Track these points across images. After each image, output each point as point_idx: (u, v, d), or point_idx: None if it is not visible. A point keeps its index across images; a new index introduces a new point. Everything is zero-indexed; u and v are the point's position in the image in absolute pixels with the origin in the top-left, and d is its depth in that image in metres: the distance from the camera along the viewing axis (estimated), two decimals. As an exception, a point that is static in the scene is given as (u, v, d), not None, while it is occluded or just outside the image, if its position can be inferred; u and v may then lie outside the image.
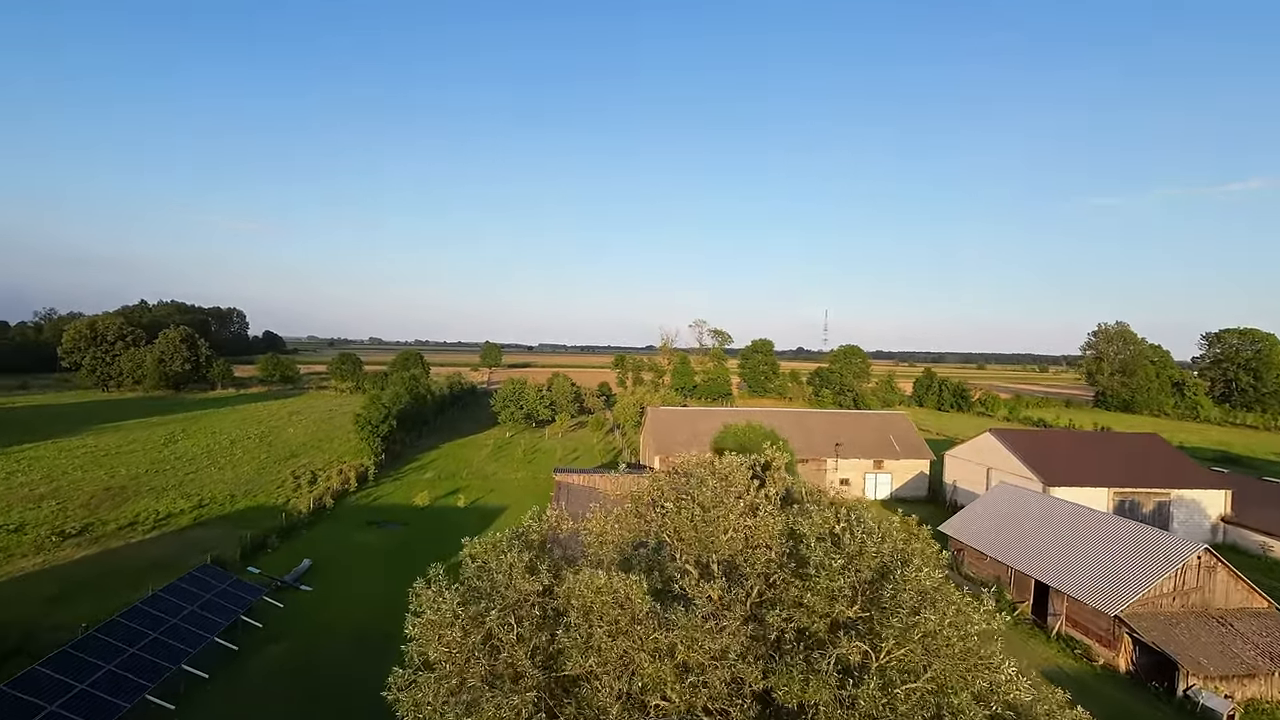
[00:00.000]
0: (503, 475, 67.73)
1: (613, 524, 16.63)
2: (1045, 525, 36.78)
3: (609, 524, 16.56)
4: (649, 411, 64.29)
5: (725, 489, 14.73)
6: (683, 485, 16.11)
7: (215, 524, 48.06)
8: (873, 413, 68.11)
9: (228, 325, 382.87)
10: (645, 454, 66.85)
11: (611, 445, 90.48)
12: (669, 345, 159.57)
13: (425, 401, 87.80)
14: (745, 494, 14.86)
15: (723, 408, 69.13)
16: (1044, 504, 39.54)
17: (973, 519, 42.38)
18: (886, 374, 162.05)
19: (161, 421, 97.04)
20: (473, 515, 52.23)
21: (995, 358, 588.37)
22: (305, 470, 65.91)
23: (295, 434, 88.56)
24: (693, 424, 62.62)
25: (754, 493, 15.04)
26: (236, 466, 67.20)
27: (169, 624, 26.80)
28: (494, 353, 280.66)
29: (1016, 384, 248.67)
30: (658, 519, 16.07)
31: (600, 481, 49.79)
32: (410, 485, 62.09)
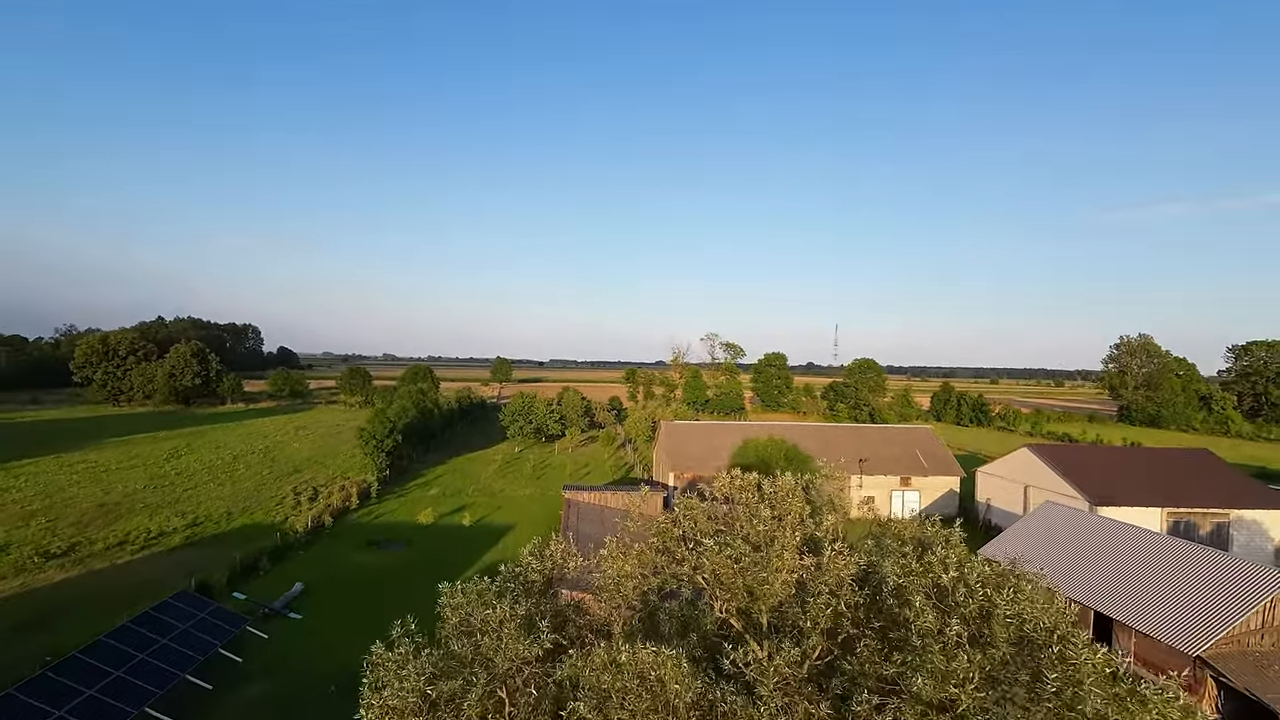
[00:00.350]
0: (510, 492, 64.77)
1: (633, 563, 13.53)
2: (1103, 550, 33.21)
3: (628, 562, 13.46)
4: (662, 426, 61.26)
5: (778, 521, 11.73)
6: (722, 514, 13.11)
7: (207, 544, 45.43)
8: (898, 427, 64.63)
9: (243, 341, 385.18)
10: (658, 469, 63.68)
11: (622, 460, 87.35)
12: (680, 359, 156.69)
13: (432, 416, 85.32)
14: (801, 524, 11.85)
15: (739, 422, 66.01)
16: (1099, 526, 35.95)
17: (1016, 542, 38.67)
18: (902, 388, 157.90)
19: (167, 436, 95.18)
20: (477, 535, 49.25)
21: (1006, 372, 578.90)
22: (307, 486, 63.35)
23: (300, 449, 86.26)
24: (708, 438, 59.46)
25: (809, 522, 12.03)
26: (237, 483, 64.77)
27: (135, 660, 23.97)
28: (504, 368, 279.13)
29: (1033, 398, 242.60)
30: (692, 558, 13.02)
31: (612, 499, 46.72)
32: (414, 502, 59.27)
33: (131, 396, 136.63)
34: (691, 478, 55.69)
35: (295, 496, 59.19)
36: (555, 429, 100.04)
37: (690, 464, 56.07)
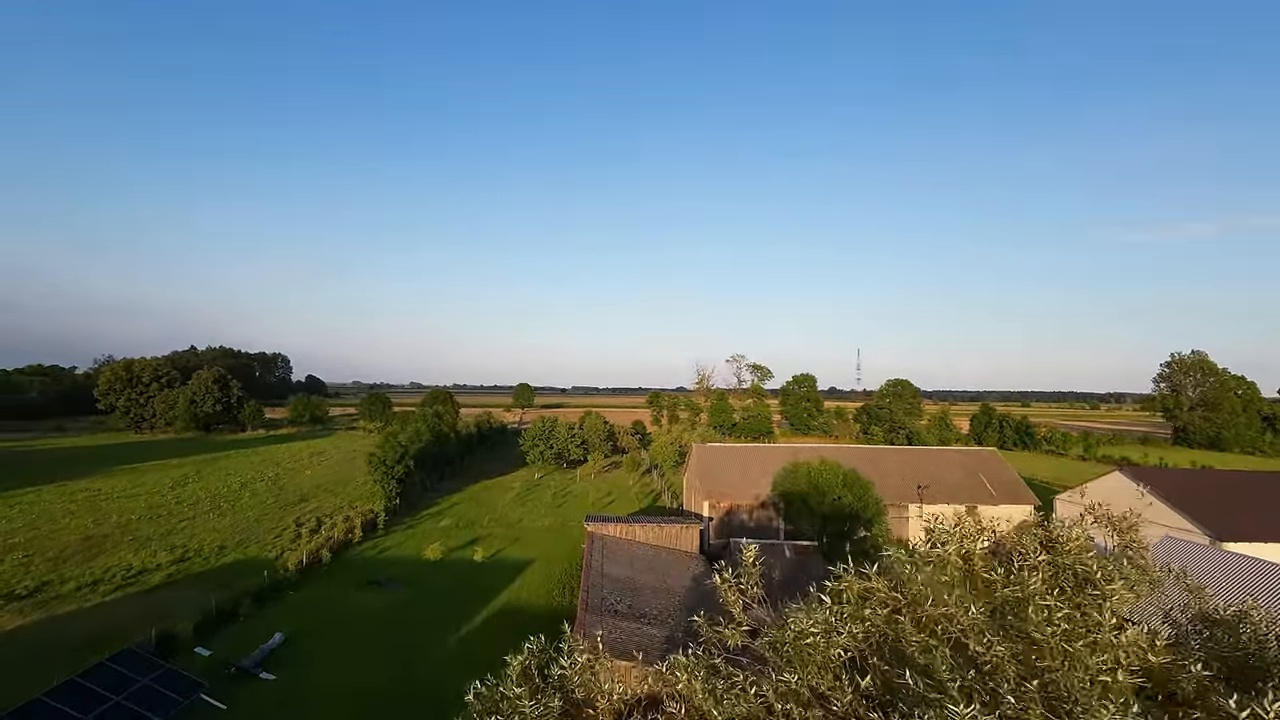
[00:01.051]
0: (528, 522, 58.85)
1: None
2: (1261, 599, 26.03)
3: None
4: (694, 449, 55.13)
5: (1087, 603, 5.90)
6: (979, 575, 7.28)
7: (190, 583, 40.26)
8: (957, 449, 57.56)
9: (272, 370, 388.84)
10: (690, 498, 57.32)
11: (649, 487, 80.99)
12: (706, 382, 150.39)
13: (448, 441, 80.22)
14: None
15: (777, 444, 59.63)
16: (1242, 567, 28.78)
17: (1132, 586, 31.61)
18: (939, 410, 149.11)
19: (179, 463, 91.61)
20: (489, 572, 43.32)
21: (1035, 395, 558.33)
22: (311, 517, 58.28)
23: (312, 476, 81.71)
24: (744, 463, 53.13)
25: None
26: (239, 512, 60.01)
27: (38, 749, 18.52)
28: (526, 393, 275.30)
29: (1072, 421, 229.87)
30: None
31: (641, 532, 40.55)
32: (423, 534, 53.70)
33: (154, 424, 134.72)
34: (728, 507, 49.31)
35: (297, 528, 54.10)
36: (577, 454, 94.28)
37: (726, 492, 49.75)
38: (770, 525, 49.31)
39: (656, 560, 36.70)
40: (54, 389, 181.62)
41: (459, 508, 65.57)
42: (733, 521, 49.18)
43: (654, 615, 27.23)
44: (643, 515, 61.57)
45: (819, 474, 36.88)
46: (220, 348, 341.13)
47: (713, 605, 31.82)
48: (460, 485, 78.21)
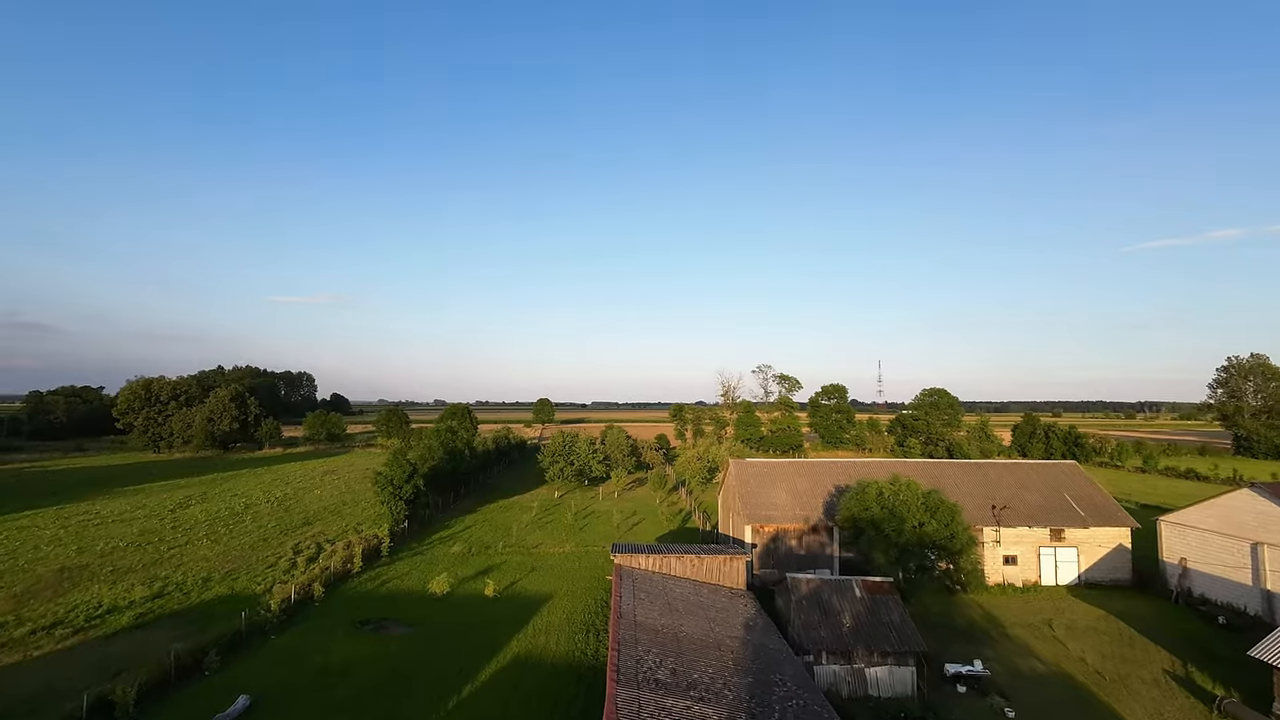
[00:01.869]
0: (547, 548, 52.67)
1: None
2: None
3: None
4: (731, 466, 48.56)
5: None
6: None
7: (161, 624, 34.78)
8: (1033, 463, 50.04)
9: (297, 389, 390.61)
10: (727, 519, 50.69)
11: (677, 506, 74.36)
12: (731, 394, 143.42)
13: (463, 459, 74.61)
14: None
15: (827, 458, 52.84)
16: None
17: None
18: (978, 421, 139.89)
19: (188, 483, 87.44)
20: (501, 611, 37.14)
21: (1060, 405, 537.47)
22: (311, 543, 52.88)
23: (321, 496, 76.67)
24: (789, 481, 46.42)
25: None
26: (236, 538, 54.82)
27: None
28: (547, 409, 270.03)
29: (1115, 431, 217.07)
30: None
31: (677, 565, 34.17)
32: (431, 563, 47.84)
33: (172, 442, 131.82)
34: (774, 532, 42.61)
35: (294, 556, 48.65)
36: (599, 471, 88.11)
37: (772, 514, 43.06)
38: (823, 553, 42.47)
39: (698, 600, 30.26)
40: (80, 410, 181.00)
41: (472, 531, 59.68)
42: (779, 549, 42.44)
43: (706, 685, 20.82)
44: (675, 542, 54.97)
45: (895, 496, 30.18)
46: (246, 367, 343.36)
47: (775, 664, 24.69)
48: (475, 505, 72.43)
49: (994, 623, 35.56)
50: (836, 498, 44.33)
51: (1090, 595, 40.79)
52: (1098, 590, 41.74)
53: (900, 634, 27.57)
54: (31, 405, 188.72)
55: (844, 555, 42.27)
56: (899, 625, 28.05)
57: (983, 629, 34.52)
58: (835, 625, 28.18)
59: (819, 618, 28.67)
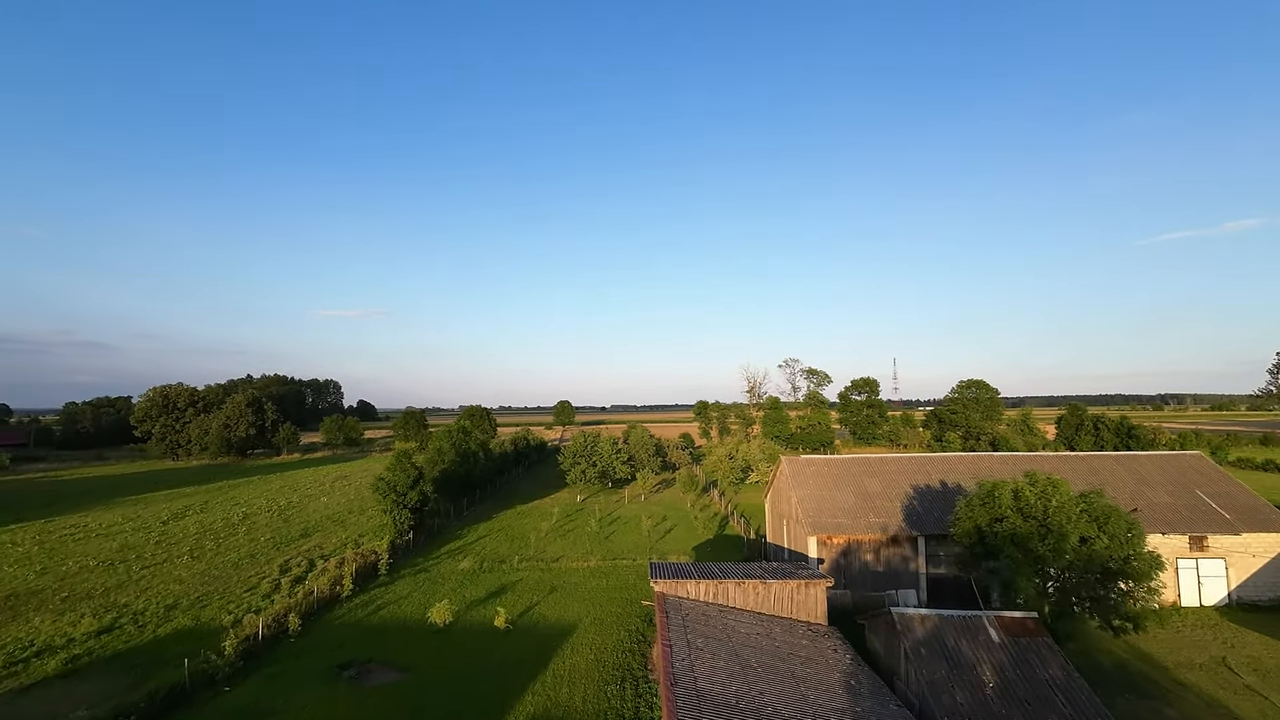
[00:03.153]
0: (569, 562, 44.57)
1: None
2: None
3: None
4: (785, 465, 39.98)
5: None
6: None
7: (94, 671, 27.33)
8: (1152, 454, 40.75)
9: (324, 396, 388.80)
10: (779, 528, 42.17)
11: (710, 509, 65.83)
12: (756, 390, 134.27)
13: (476, 462, 66.93)
14: None
15: (896, 454, 44.01)
16: None
17: None
18: (1020, 413, 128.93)
19: (194, 491, 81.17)
20: (514, 650, 29.10)
21: (1077, 399, 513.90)
22: (304, 560, 45.50)
23: (327, 504, 69.60)
24: (858, 481, 37.75)
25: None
26: (222, 554, 47.67)
27: None
28: (567, 411, 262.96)
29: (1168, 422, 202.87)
30: None
31: (737, 593, 25.78)
32: (436, 582, 40.05)
33: (190, 450, 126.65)
34: (844, 543, 33.98)
35: (280, 576, 41.24)
36: (623, 472, 79.95)
37: (840, 522, 34.45)
38: (906, 569, 33.74)
39: (773, 646, 21.86)
40: (108, 419, 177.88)
41: (486, 542, 51.88)
42: (852, 565, 33.80)
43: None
44: (714, 553, 46.47)
45: (1043, 501, 21.39)
46: (274, 375, 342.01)
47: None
48: (490, 512, 64.70)
49: (1150, 663, 26.57)
50: (917, 501, 35.61)
51: (1252, 620, 31.49)
52: (1257, 613, 32.41)
53: (1070, 698, 18.87)
54: (67, 416, 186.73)
55: (932, 573, 33.53)
56: (1064, 685, 19.34)
57: (1141, 673, 25.56)
58: (972, 684, 19.57)
59: (946, 672, 20.09)
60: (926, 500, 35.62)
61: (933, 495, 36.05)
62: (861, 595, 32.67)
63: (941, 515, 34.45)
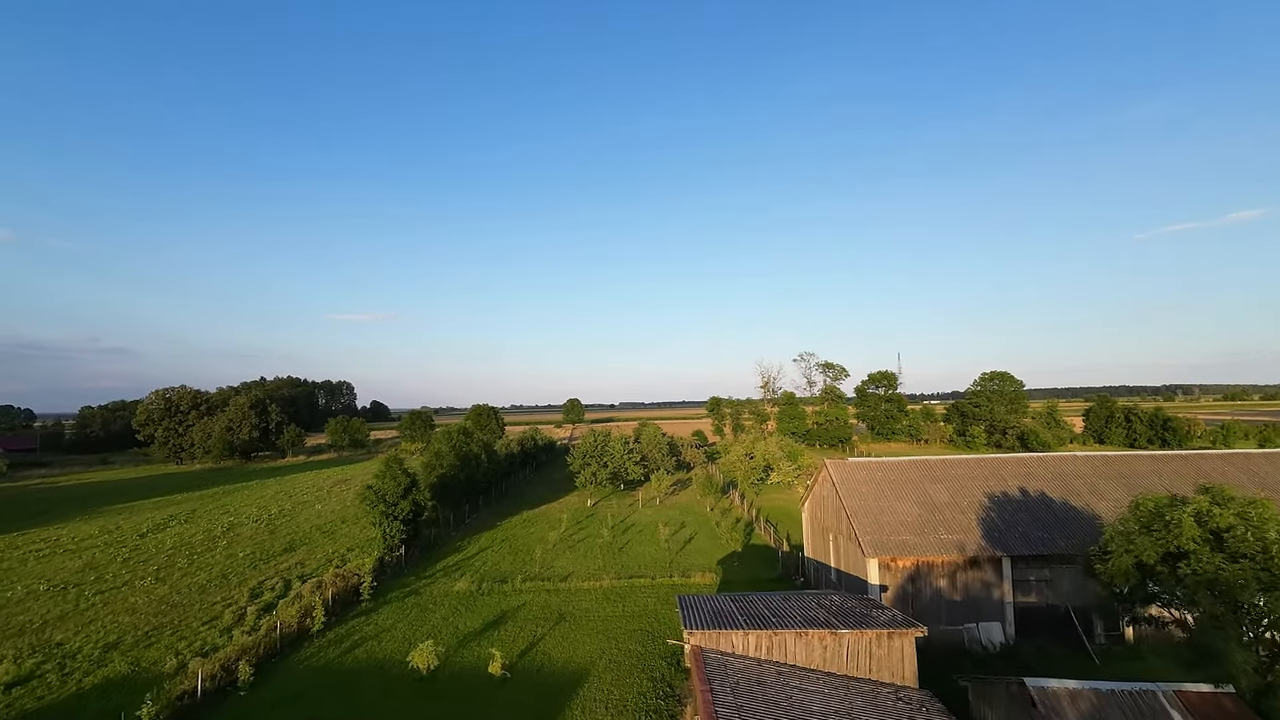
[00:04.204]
0: (578, 583, 38.23)
1: None
2: None
3: None
4: (830, 470, 33.32)
5: None
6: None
7: (-16, 744, 21.40)
8: (1249, 452, 33.74)
9: (337, 397, 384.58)
10: (824, 542, 35.63)
11: (731, 513, 59.27)
12: (771, 384, 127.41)
13: (479, 465, 60.76)
14: None
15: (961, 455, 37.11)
16: None
17: None
18: (1045, 406, 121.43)
19: (185, 499, 75.70)
20: (509, 708, 22.79)
21: (1085, 392, 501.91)
22: (281, 581, 39.49)
23: (321, 511, 63.77)
24: (919, 488, 31.13)
25: None
26: (192, 574, 41.80)
27: None
28: (576, 409, 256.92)
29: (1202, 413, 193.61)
30: None
31: (798, 646, 19.19)
32: (425, 609, 33.90)
33: (193, 453, 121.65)
34: (912, 566, 27.40)
35: (250, 603, 35.26)
36: (635, 474, 73.57)
37: (905, 539, 27.86)
38: (989, 598, 27.13)
39: None
40: (117, 423, 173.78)
41: (487, 555, 45.71)
42: (922, 593, 27.23)
43: None
44: (754, 579, 39.85)
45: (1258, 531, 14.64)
46: (288, 378, 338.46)
47: None
48: (494, 519, 58.57)
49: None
50: (995, 513, 28.97)
51: None
52: None
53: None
54: (79, 420, 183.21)
55: (1021, 601, 26.90)
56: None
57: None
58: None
59: (1124, 784, 13.49)
60: (1007, 512, 28.98)
61: (1013, 506, 29.40)
62: (935, 630, 26.11)
63: (1029, 531, 27.84)
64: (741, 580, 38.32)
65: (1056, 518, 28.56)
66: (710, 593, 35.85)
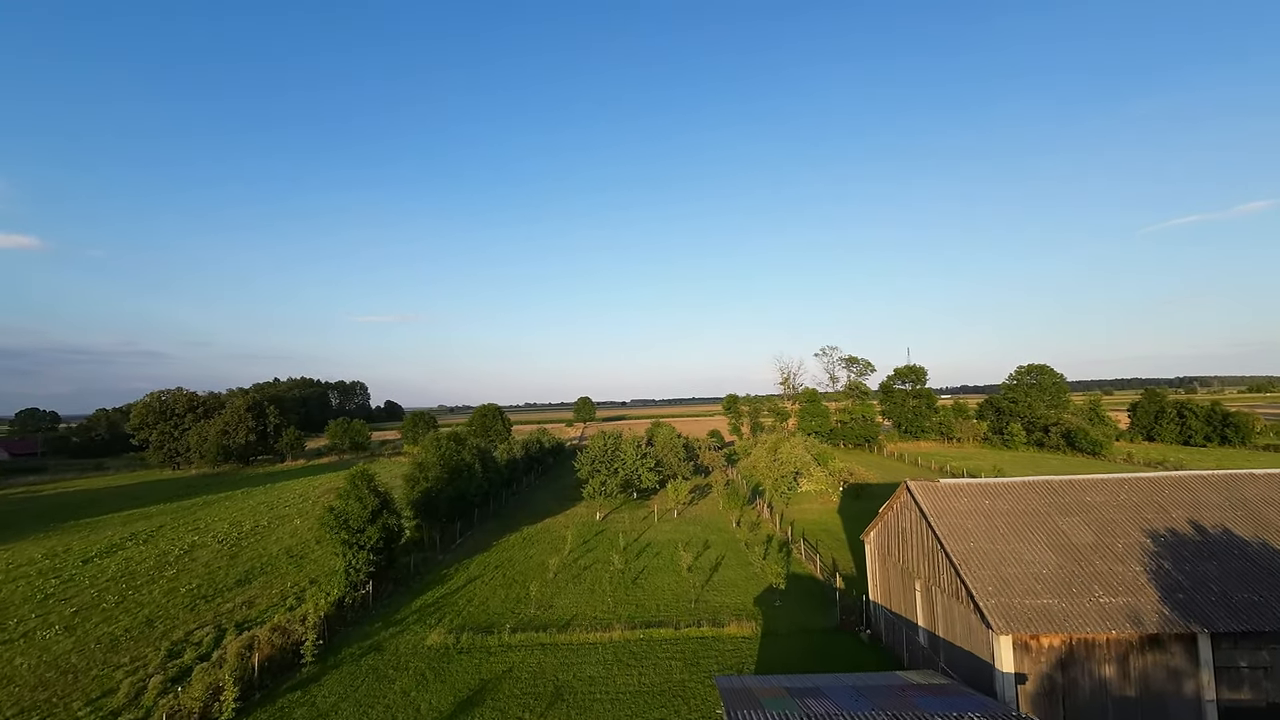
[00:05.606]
0: (582, 634, 29.65)
1: None
2: None
3: None
4: (916, 494, 24.30)
5: None
6: None
7: None
8: None
9: (351, 397, 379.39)
10: (903, 589, 26.74)
11: (761, 529, 50.33)
12: (791, 380, 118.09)
13: (472, 477, 52.34)
14: None
15: (1099, 474, 27.94)
16: None
17: None
18: (1088, 401, 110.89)
19: (160, 511, 68.29)
20: None
21: (1099, 384, 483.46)
22: (214, 629, 31.39)
23: (299, 526, 55.81)
24: (1049, 522, 22.15)
25: None
26: (115, 617, 33.87)
27: None
28: (587, 407, 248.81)
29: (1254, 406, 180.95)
30: None
31: None
32: (382, 678, 25.51)
33: (189, 458, 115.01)
34: (1062, 646, 18.43)
35: (168, 661, 27.17)
36: (649, 481, 64.87)
37: (1046, 603, 18.87)
38: (1178, 694, 18.11)
39: None
40: (122, 425, 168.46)
41: (476, 588, 37.34)
42: (1079, 686, 18.27)
43: None
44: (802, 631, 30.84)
45: None
46: (301, 378, 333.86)
47: None
48: (490, 538, 50.22)
49: None
50: (1170, 563, 19.90)
51: None
52: None
53: None
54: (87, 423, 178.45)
55: (1229, 699, 17.88)
56: None
57: None
58: None
59: None
60: (1185, 560, 19.95)
61: (1191, 550, 20.36)
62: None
63: (1228, 590, 18.81)
64: (789, 629, 29.60)
65: (1262, 569, 19.50)
66: (752, 649, 27.31)
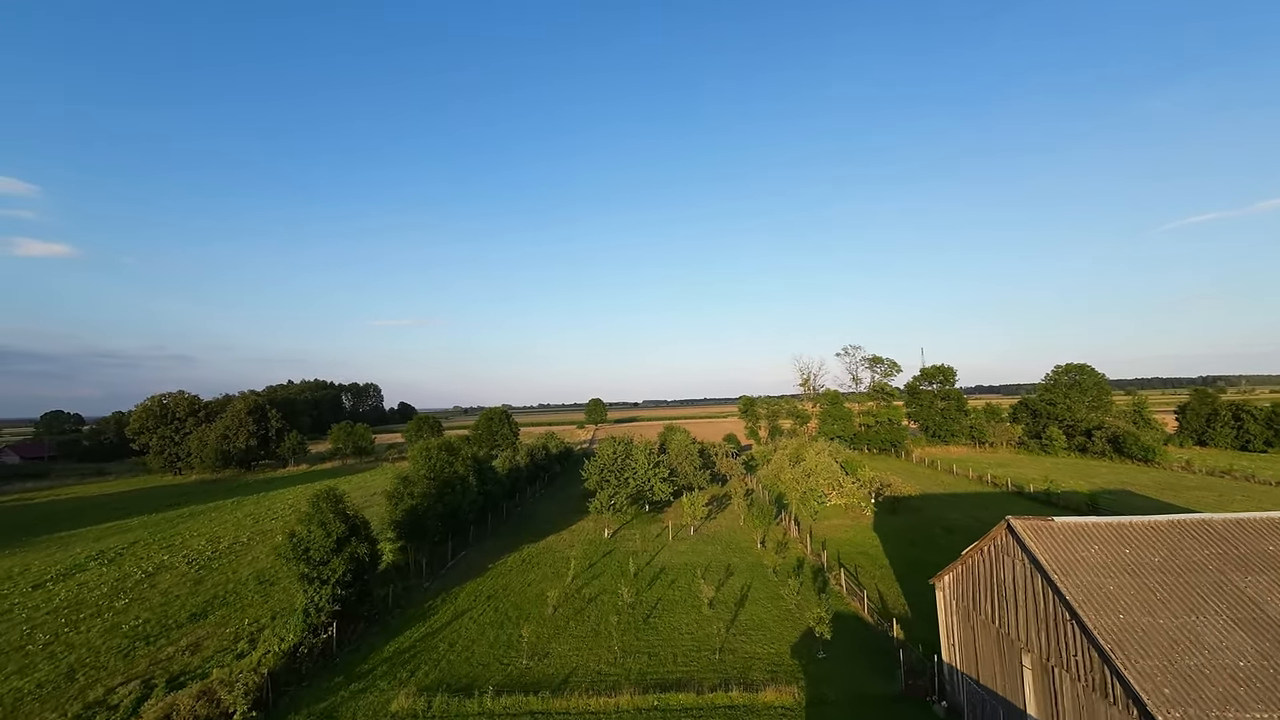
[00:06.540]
0: (581, 700, 23.72)
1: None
2: None
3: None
4: (1023, 535, 18.08)
5: None
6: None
7: None
8: None
9: (364, 399, 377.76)
10: (992, 655, 20.36)
11: (789, 551, 43.99)
12: (811, 382, 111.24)
13: (466, 491, 46.65)
14: None
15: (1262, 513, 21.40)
16: None
17: None
18: (1132, 402, 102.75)
19: (140, 524, 63.67)
20: None
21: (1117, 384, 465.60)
22: (141, 684, 25.99)
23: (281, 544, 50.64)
24: (1218, 578, 15.96)
25: None
26: (35, 665, 28.64)
27: None
28: (599, 409, 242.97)
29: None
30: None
31: None
32: (325, 766, 19.84)
33: (190, 463, 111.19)
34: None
35: (65, 736, 21.76)
36: (662, 492, 58.84)
37: (1253, 718, 12.56)
38: None
39: None
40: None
41: (463, 625, 31.66)
42: None
43: None
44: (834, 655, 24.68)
45: None
46: (314, 380, 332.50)
47: None
48: (486, 559, 44.55)
49: None
50: None
51: None
52: None
53: None
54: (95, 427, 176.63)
55: None
56: None
57: None
58: None
59: None
60: None
61: None
62: None
63: None
64: (839, 695, 23.47)
65: None
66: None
